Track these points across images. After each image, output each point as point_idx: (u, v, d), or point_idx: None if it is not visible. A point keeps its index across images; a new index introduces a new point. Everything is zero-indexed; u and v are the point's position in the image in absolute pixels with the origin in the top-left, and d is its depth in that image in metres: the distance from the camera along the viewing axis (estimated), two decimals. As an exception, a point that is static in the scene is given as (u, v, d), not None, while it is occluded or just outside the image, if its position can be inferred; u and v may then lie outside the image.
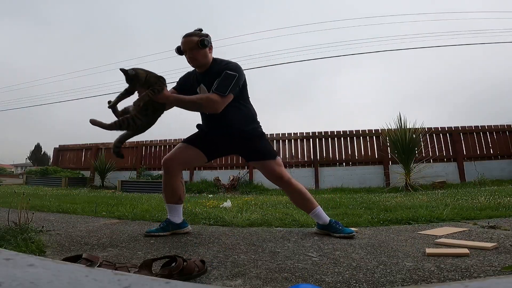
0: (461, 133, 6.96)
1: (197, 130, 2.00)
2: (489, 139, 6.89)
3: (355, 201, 3.56)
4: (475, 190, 4.26)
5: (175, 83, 2.01)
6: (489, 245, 1.37)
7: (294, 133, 7.63)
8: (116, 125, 1.62)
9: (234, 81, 1.71)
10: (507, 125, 7.07)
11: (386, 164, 6.83)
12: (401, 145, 5.76)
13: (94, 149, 8.98)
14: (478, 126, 7.01)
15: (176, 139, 8.46)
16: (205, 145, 1.93)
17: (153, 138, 8.67)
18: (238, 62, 1.87)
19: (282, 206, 3.19)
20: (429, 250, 1.33)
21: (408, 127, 5.89)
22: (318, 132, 7.49)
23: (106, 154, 8.53)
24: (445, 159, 6.83)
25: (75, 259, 1.05)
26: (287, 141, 7.53)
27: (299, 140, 7.54)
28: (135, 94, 1.67)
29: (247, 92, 1.90)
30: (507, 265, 1.12)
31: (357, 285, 0.99)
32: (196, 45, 1.75)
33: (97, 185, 8.07)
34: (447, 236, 1.67)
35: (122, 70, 1.60)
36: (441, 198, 3.42)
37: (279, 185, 1.91)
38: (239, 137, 1.87)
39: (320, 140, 7.45)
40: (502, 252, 1.30)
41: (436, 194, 4.10)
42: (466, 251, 1.30)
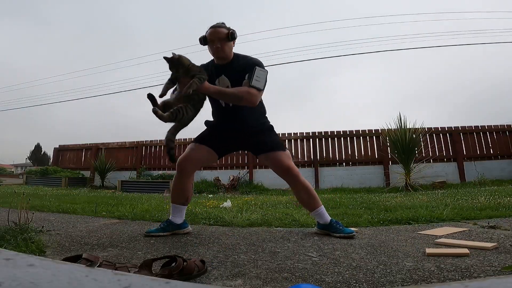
0: (461, 133, 6.96)
1: (205, 128, 2.00)
2: (489, 139, 6.89)
3: (355, 201, 3.56)
4: (475, 190, 4.26)
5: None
6: (489, 245, 1.37)
7: (294, 133, 7.63)
8: (172, 115, 1.61)
9: (266, 78, 1.78)
10: (507, 125, 7.07)
11: (386, 164, 6.84)
12: (401, 145, 5.76)
13: (94, 149, 8.98)
14: (478, 126, 7.01)
15: (175, 139, 8.45)
16: (216, 142, 1.93)
17: (153, 138, 8.68)
18: None
19: (282, 206, 3.19)
20: (429, 250, 1.33)
21: (408, 127, 5.89)
22: (318, 132, 7.49)
23: (106, 154, 8.54)
24: (445, 159, 6.83)
25: (75, 259, 1.05)
26: (287, 141, 7.53)
27: (299, 140, 7.55)
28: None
29: None
30: (507, 265, 1.12)
31: (357, 285, 0.99)
32: (225, 36, 1.79)
33: (97, 185, 8.07)
34: (447, 236, 1.67)
35: (165, 58, 1.61)
36: (441, 198, 3.42)
37: (287, 178, 1.87)
38: (251, 131, 1.89)
39: (320, 140, 7.45)
40: (502, 252, 1.30)
41: (436, 194, 4.10)
42: (466, 251, 1.30)
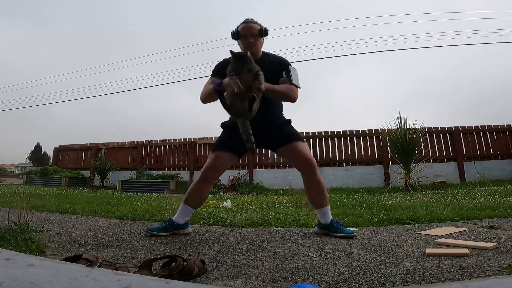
0: (461, 133, 6.96)
1: (222, 131, 2.00)
2: (489, 139, 6.89)
3: (355, 201, 3.56)
4: (475, 190, 4.26)
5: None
6: (489, 245, 1.37)
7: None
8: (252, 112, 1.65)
9: (298, 76, 1.82)
10: (507, 125, 7.07)
11: (386, 164, 6.83)
12: (401, 145, 5.76)
13: (94, 149, 8.98)
14: (478, 126, 7.01)
15: (176, 139, 8.46)
16: (236, 144, 1.91)
17: (153, 138, 8.69)
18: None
19: (282, 206, 3.19)
20: (429, 250, 1.33)
21: (408, 127, 5.89)
22: (318, 132, 7.49)
23: (106, 154, 8.54)
24: (445, 159, 6.83)
25: (75, 259, 1.05)
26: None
27: (299, 140, 7.54)
28: None
29: None
30: (507, 265, 1.12)
31: (357, 285, 0.99)
32: (258, 32, 1.81)
33: (97, 185, 8.07)
34: (447, 236, 1.67)
35: (234, 53, 1.62)
36: (441, 198, 3.42)
37: (305, 169, 1.84)
38: (274, 125, 1.92)
39: (320, 140, 7.45)
40: (502, 252, 1.30)
41: (436, 194, 4.10)
42: (466, 251, 1.30)
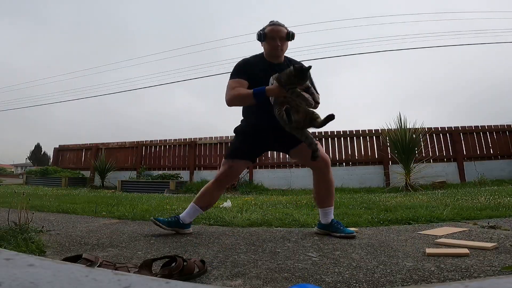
0: (461, 133, 6.96)
1: (235, 137, 1.99)
2: (489, 139, 6.89)
3: (355, 201, 3.56)
4: (475, 190, 4.26)
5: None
6: (489, 245, 1.37)
7: (294, 133, 7.62)
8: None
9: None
10: (507, 125, 7.08)
11: (386, 164, 6.83)
12: (401, 145, 5.76)
13: (94, 149, 8.98)
14: (478, 126, 7.01)
15: (176, 139, 8.46)
16: (250, 149, 1.92)
17: (153, 138, 8.69)
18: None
19: (282, 206, 3.19)
20: (429, 250, 1.33)
21: (408, 127, 5.89)
22: (318, 132, 7.49)
23: (106, 154, 8.54)
24: (445, 159, 6.83)
25: (75, 259, 1.05)
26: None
27: (299, 140, 7.54)
28: None
29: None
30: (507, 265, 1.12)
31: (357, 285, 0.99)
32: (285, 35, 1.82)
33: (97, 185, 8.07)
34: (447, 236, 1.67)
35: (303, 69, 1.59)
36: (441, 198, 3.42)
37: (321, 167, 1.84)
38: None
39: (320, 140, 7.44)
40: (502, 252, 1.30)
41: (436, 194, 4.10)
42: (466, 251, 1.30)
